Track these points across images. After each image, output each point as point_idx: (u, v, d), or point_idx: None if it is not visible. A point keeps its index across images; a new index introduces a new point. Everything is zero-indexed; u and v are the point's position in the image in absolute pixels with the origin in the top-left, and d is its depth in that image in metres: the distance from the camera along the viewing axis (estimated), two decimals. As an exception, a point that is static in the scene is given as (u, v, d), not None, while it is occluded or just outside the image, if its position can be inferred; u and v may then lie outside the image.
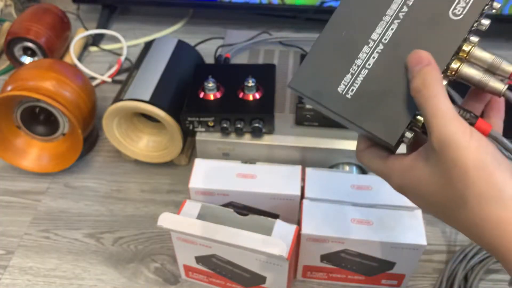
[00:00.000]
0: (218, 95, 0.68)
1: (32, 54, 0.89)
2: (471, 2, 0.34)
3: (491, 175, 0.31)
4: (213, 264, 0.56)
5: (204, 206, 0.56)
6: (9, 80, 0.70)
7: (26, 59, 0.90)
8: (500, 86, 0.34)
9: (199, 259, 0.57)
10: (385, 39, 0.35)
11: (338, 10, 0.36)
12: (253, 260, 0.53)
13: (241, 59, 0.81)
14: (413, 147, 0.37)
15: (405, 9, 0.35)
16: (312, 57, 0.36)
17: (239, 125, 0.65)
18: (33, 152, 0.74)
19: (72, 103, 0.69)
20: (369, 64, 0.35)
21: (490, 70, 0.34)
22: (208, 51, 0.87)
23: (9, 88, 0.68)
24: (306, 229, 0.53)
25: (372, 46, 0.35)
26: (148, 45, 0.79)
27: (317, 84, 0.36)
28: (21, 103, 0.69)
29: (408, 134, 0.35)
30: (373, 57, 0.35)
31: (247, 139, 0.67)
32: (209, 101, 0.67)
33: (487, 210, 0.31)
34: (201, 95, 0.68)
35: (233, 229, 0.51)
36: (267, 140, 0.67)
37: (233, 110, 0.66)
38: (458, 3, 0.34)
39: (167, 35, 1.01)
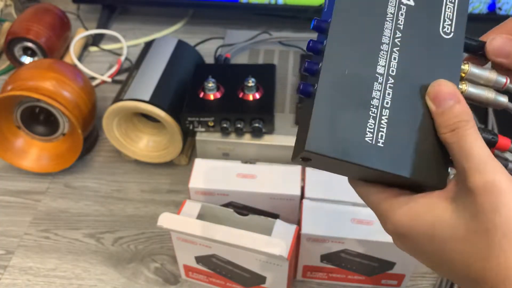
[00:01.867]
0: (218, 95, 0.68)
1: (32, 54, 0.89)
2: (454, 17, 0.34)
3: None
4: (213, 264, 0.56)
5: (204, 206, 0.56)
6: (9, 80, 0.70)
7: (26, 59, 0.89)
8: (505, 100, 0.33)
9: (199, 259, 0.57)
10: (392, 71, 0.32)
11: (330, 46, 0.32)
12: (253, 260, 0.53)
13: (241, 59, 0.81)
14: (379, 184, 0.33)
15: (398, 34, 0.33)
16: (320, 107, 0.30)
17: (239, 125, 0.65)
18: (33, 152, 0.74)
19: (72, 103, 0.69)
20: (387, 103, 0.31)
21: (486, 84, 0.34)
22: (208, 51, 0.87)
23: (9, 88, 0.68)
24: (306, 229, 0.53)
25: (383, 82, 0.32)
26: (148, 45, 0.79)
27: (339, 139, 0.30)
28: (21, 103, 0.69)
29: (449, 172, 0.32)
30: (388, 94, 0.32)
31: (247, 139, 0.67)
32: (209, 101, 0.67)
33: None
34: (201, 95, 0.68)
35: (233, 229, 0.51)
36: (267, 140, 0.67)
37: (233, 110, 0.66)
38: (445, 21, 0.33)
39: (167, 35, 1.01)
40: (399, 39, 0.32)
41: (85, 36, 0.97)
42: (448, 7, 0.34)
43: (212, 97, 0.67)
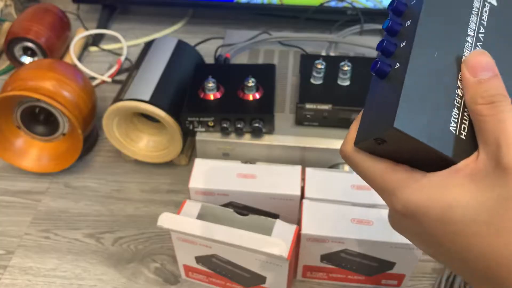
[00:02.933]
0: (218, 95, 0.68)
1: (32, 54, 0.89)
2: None
3: None
4: (213, 264, 0.56)
5: (204, 206, 0.56)
6: (9, 80, 0.70)
7: (26, 59, 0.90)
8: None
9: (199, 259, 0.57)
10: None
11: (422, 26, 0.31)
12: (253, 260, 0.53)
13: (241, 59, 0.81)
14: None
15: (482, 30, 0.32)
16: (410, 87, 0.29)
17: (239, 125, 0.65)
18: (33, 152, 0.74)
19: (72, 103, 0.69)
20: None
21: None
22: (208, 51, 0.87)
23: (9, 88, 0.68)
24: (306, 229, 0.53)
25: None
26: (148, 45, 0.79)
27: (426, 123, 0.29)
28: (21, 103, 0.69)
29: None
30: None
31: (247, 139, 0.67)
32: (209, 101, 0.67)
33: None
34: (201, 95, 0.68)
35: (233, 229, 0.51)
36: (267, 140, 0.67)
37: (233, 110, 0.66)
38: None
39: (167, 35, 1.01)
40: (482, 35, 0.32)
41: (85, 36, 0.97)
42: None
43: (212, 97, 0.67)
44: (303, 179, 0.58)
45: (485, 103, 0.28)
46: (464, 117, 0.30)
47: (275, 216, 0.59)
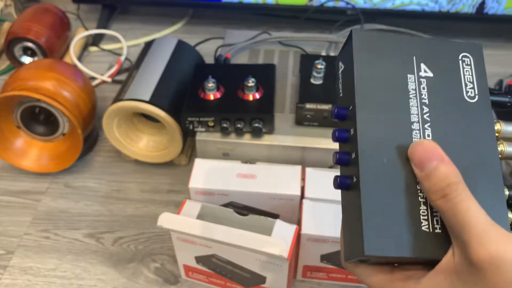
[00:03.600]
0: (218, 95, 0.68)
1: (32, 54, 0.89)
2: (474, 79, 0.33)
3: None
4: (213, 264, 0.56)
5: (204, 206, 0.56)
6: (9, 80, 0.70)
7: (26, 59, 0.90)
8: None
9: (199, 259, 0.57)
10: None
11: (361, 138, 0.30)
12: (253, 260, 0.53)
13: (241, 59, 0.81)
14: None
15: (426, 109, 0.32)
16: (368, 206, 0.29)
17: (239, 125, 0.65)
18: (33, 152, 0.74)
19: (72, 103, 0.69)
20: None
21: None
22: (208, 51, 0.87)
23: (9, 88, 0.68)
24: (306, 229, 0.53)
25: None
26: (148, 45, 0.79)
27: (396, 236, 0.29)
28: (21, 103, 0.69)
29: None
30: None
31: (247, 139, 0.67)
32: (209, 101, 0.67)
33: None
34: (201, 95, 0.68)
35: (233, 229, 0.51)
36: (267, 140, 0.67)
37: (233, 110, 0.66)
38: (466, 85, 0.33)
39: (167, 35, 1.01)
40: (427, 115, 0.32)
41: (85, 36, 0.97)
42: (466, 70, 0.33)
43: (212, 97, 0.67)
44: (303, 179, 0.58)
45: (439, 198, 0.28)
46: (434, 210, 0.29)
47: (275, 216, 0.59)
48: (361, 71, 0.32)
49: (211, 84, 0.67)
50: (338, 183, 0.31)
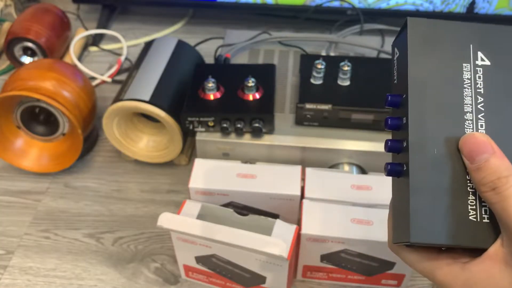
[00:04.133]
0: (218, 95, 0.68)
1: (32, 54, 0.89)
2: None
3: None
4: (213, 264, 0.56)
5: (204, 206, 0.56)
6: (9, 80, 0.70)
7: (26, 59, 0.90)
8: None
9: (199, 259, 0.57)
10: None
11: (412, 127, 0.30)
12: (253, 260, 0.53)
13: (241, 59, 0.81)
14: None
15: (480, 99, 0.31)
16: (417, 195, 0.29)
17: (239, 125, 0.65)
18: (33, 152, 0.74)
19: (72, 103, 0.69)
20: None
21: None
22: (208, 51, 0.87)
23: (9, 88, 0.68)
24: (306, 229, 0.53)
25: None
26: (148, 45, 0.79)
27: (443, 224, 0.29)
28: (21, 103, 0.69)
29: None
30: None
31: (247, 139, 0.67)
32: (209, 101, 0.67)
33: None
34: (201, 95, 0.68)
35: (233, 229, 0.51)
36: (267, 140, 0.67)
37: (233, 110, 0.66)
38: None
39: (167, 35, 1.01)
40: (481, 105, 0.31)
41: (85, 36, 0.97)
42: None
43: (212, 97, 0.67)
44: (303, 179, 0.58)
45: (489, 190, 0.28)
46: (482, 200, 0.29)
47: (275, 216, 0.59)
48: (415, 60, 0.32)
49: (211, 84, 0.67)
50: (389, 170, 0.32)
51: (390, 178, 0.33)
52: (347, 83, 0.68)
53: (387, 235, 0.35)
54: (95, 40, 0.99)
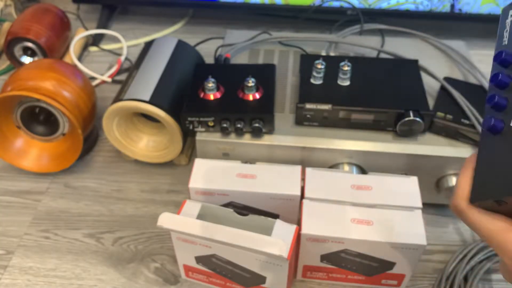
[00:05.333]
0: (218, 95, 0.68)
1: (32, 54, 0.89)
2: None
3: None
4: (213, 264, 0.56)
5: (204, 206, 0.56)
6: (9, 80, 0.70)
7: (26, 59, 0.90)
8: None
9: (199, 259, 0.57)
10: None
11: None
12: (253, 260, 0.53)
13: (241, 59, 0.81)
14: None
15: None
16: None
17: (239, 125, 0.65)
18: (33, 152, 0.74)
19: (72, 103, 0.69)
20: None
21: None
22: (208, 51, 0.87)
23: (9, 88, 0.68)
24: (306, 229, 0.53)
25: None
26: (148, 45, 0.79)
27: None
28: (21, 103, 0.69)
29: None
30: None
31: (247, 139, 0.67)
32: (209, 101, 0.67)
33: None
34: (201, 95, 0.68)
35: (233, 229, 0.51)
36: (267, 140, 0.67)
37: (233, 110, 0.66)
38: None
39: (167, 35, 1.01)
40: None
41: (85, 36, 0.97)
42: None
43: (212, 97, 0.67)
44: (303, 179, 0.58)
45: None
46: None
47: (275, 216, 0.59)
48: None
49: (211, 84, 0.67)
50: (492, 125, 0.31)
51: (390, 178, 0.33)
52: (347, 83, 0.68)
53: (460, 197, 0.33)
54: (95, 40, 0.99)
